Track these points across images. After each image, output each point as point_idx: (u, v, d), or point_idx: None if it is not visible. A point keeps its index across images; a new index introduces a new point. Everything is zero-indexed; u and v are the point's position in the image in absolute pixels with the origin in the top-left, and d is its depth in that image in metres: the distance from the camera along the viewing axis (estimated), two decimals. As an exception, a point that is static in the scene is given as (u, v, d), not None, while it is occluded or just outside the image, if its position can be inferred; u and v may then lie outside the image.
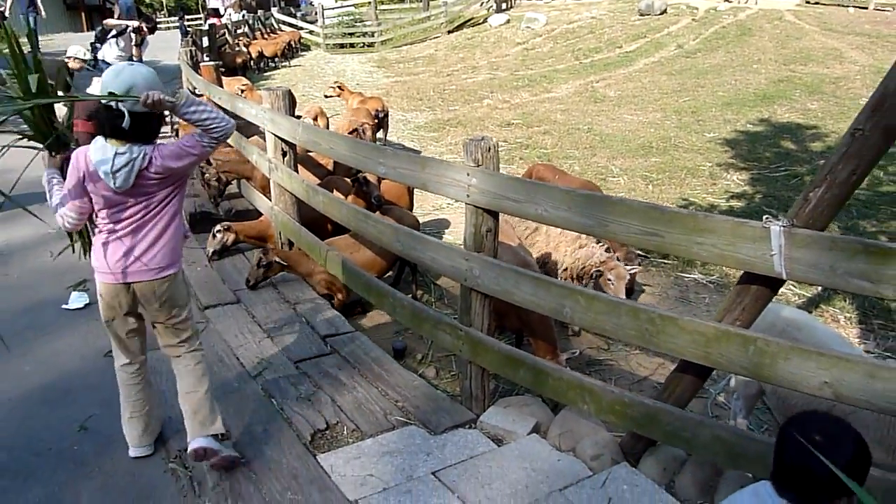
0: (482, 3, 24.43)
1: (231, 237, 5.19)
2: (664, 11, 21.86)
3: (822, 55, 16.45)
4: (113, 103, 2.40)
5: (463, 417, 3.29)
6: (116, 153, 2.44)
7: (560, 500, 2.67)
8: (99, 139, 2.50)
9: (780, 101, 12.80)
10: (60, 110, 3.18)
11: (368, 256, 4.62)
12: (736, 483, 2.81)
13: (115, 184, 2.45)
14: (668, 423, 2.59)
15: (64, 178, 2.62)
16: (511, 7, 25.08)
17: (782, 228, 2.12)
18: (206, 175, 6.15)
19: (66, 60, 8.24)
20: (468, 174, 3.00)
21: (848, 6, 23.23)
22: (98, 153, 2.47)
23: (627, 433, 3.12)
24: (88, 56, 8.57)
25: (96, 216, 2.62)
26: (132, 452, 2.91)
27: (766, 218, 2.18)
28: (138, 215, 2.56)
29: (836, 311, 4.98)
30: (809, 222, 2.13)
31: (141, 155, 2.46)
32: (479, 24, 23.68)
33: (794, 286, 5.35)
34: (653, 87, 14.71)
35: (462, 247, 3.23)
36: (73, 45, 8.68)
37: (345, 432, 3.16)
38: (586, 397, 2.82)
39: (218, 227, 5.21)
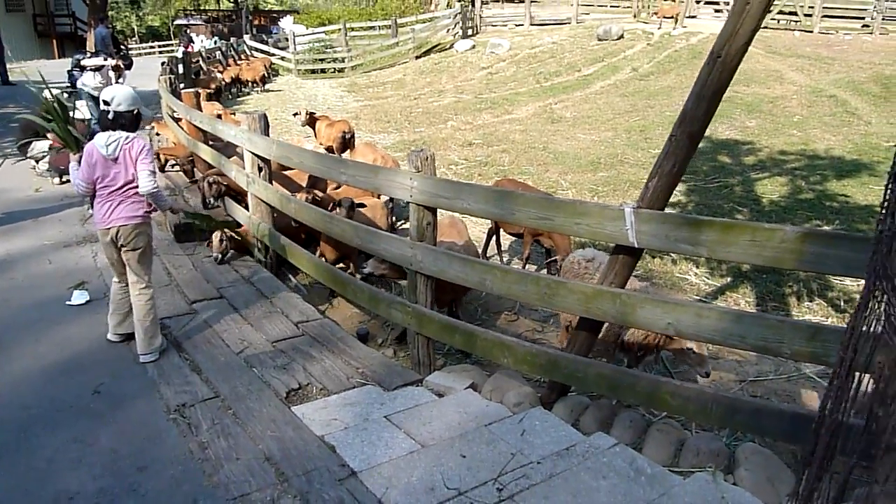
0: (449, 30, 25.45)
1: (229, 243, 5.95)
2: (621, 37, 22.98)
3: (763, 76, 17.63)
4: (104, 105, 4.06)
5: (412, 378, 4.02)
6: (109, 136, 3.99)
7: (484, 432, 3.38)
8: (100, 133, 4.03)
9: (721, 120, 13.81)
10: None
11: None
12: (627, 421, 3.56)
13: (107, 152, 3.95)
14: (566, 367, 3.34)
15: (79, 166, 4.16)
16: (476, 33, 26.12)
17: (632, 209, 2.89)
18: (208, 180, 6.76)
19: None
20: (411, 178, 3.75)
21: (794, 30, 24.70)
22: (100, 138, 4.00)
23: (546, 387, 3.87)
24: (69, 97, 9.31)
25: (96, 185, 4.04)
26: (109, 336, 4.35)
27: (622, 203, 2.96)
28: (116, 185, 4.01)
29: (738, 297, 5.81)
30: (651, 204, 2.91)
31: (123, 137, 4.00)
32: (445, 49, 24.64)
33: (707, 278, 6.18)
34: (607, 108, 15.70)
35: (409, 238, 3.97)
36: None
37: (314, 391, 3.86)
38: (506, 352, 3.55)
39: (219, 233, 5.91)
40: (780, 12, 25.79)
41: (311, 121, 10.02)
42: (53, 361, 4.10)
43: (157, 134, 10.82)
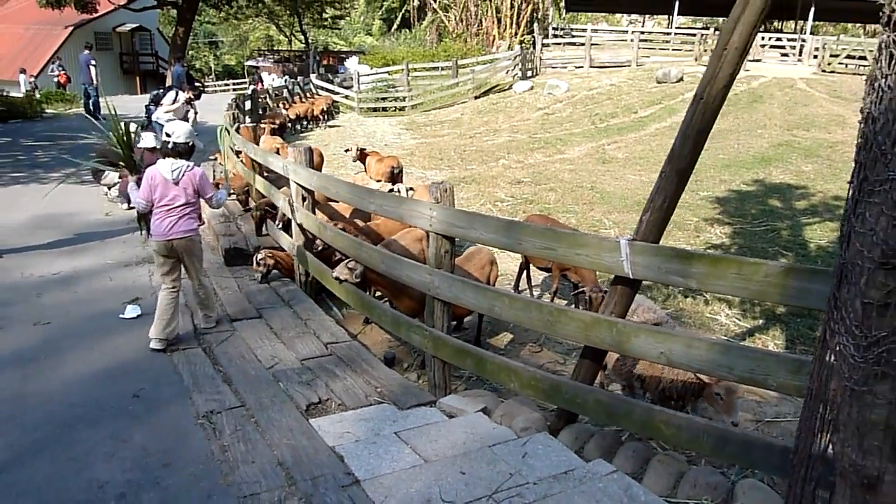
0: (508, 71, 25.97)
1: (272, 262, 6.32)
2: (681, 79, 22.93)
3: (825, 121, 17.32)
4: (165, 137, 4.83)
5: (426, 399, 4.20)
6: (173, 163, 4.78)
7: (487, 452, 3.52)
8: (162, 160, 4.82)
9: (777, 164, 13.66)
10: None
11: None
12: (630, 451, 3.64)
13: (171, 177, 4.75)
14: (566, 392, 3.46)
15: (137, 186, 4.99)
16: (535, 74, 26.55)
17: (627, 241, 3.04)
18: (260, 211, 7.26)
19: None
20: (430, 209, 3.99)
21: (863, 74, 24.15)
22: (164, 164, 4.80)
23: (554, 414, 3.98)
24: (140, 129, 10.06)
25: (155, 204, 4.80)
26: (151, 344, 4.74)
27: (618, 235, 3.11)
28: (175, 204, 4.77)
29: (768, 339, 5.76)
30: (644, 237, 3.06)
31: (186, 165, 4.83)
32: (504, 90, 25.13)
33: (738, 319, 6.16)
34: (660, 149, 15.67)
35: (428, 265, 4.19)
36: None
37: (332, 406, 4.09)
38: (512, 376, 3.71)
39: (260, 254, 6.32)
40: (849, 56, 25.30)
41: (362, 156, 10.47)
42: (102, 367, 4.48)
43: (221, 164, 11.46)
